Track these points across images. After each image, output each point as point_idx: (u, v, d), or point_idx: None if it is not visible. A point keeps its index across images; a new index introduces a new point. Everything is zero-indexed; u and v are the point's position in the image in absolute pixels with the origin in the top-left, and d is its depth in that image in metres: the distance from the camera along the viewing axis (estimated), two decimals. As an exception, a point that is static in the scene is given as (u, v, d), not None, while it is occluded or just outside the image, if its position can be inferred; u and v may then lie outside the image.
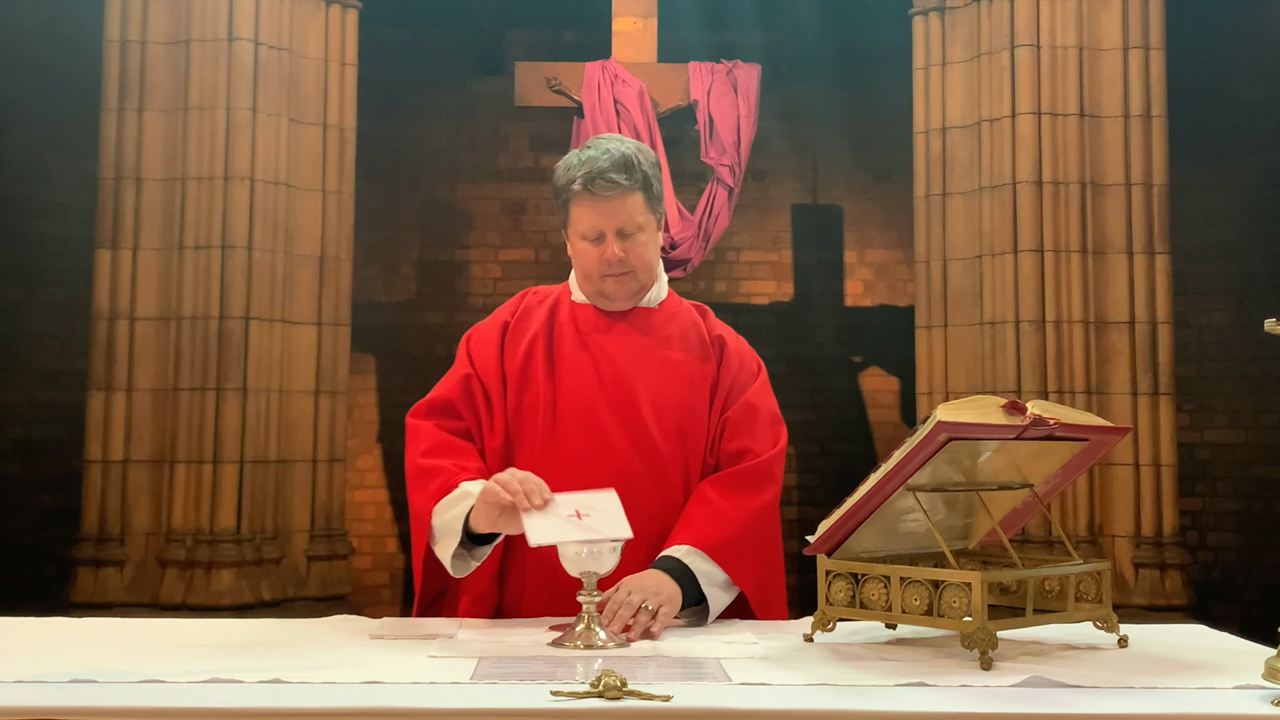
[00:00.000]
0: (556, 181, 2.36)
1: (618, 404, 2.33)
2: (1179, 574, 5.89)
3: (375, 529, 7.64)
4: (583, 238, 2.34)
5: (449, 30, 7.86)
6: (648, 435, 2.31)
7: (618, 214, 2.30)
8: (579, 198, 2.31)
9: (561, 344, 2.38)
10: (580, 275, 2.41)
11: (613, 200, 2.29)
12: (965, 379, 6.14)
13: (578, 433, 2.31)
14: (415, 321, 7.89)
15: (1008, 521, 2.06)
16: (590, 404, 2.33)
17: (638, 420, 2.32)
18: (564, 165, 2.36)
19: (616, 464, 2.28)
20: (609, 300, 2.39)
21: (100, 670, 1.63)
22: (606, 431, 2.30)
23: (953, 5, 6.32)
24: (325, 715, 1.46)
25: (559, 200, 2.37)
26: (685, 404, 2.36)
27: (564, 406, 2.33)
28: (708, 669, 1.71)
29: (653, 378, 2.36)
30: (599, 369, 2.35)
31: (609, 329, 2.40)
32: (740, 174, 6.55)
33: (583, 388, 2.34)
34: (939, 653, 1.83)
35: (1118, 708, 1.51)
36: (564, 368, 2.36)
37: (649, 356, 2.38)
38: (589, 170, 2.28)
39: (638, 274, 2.36)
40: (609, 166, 2.28)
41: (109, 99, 6.02)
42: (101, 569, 5.82)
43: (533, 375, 2.36)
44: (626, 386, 2.34)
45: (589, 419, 2.31)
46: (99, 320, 5.95)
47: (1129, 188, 6.03)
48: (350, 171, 6.35)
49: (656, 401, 2.34)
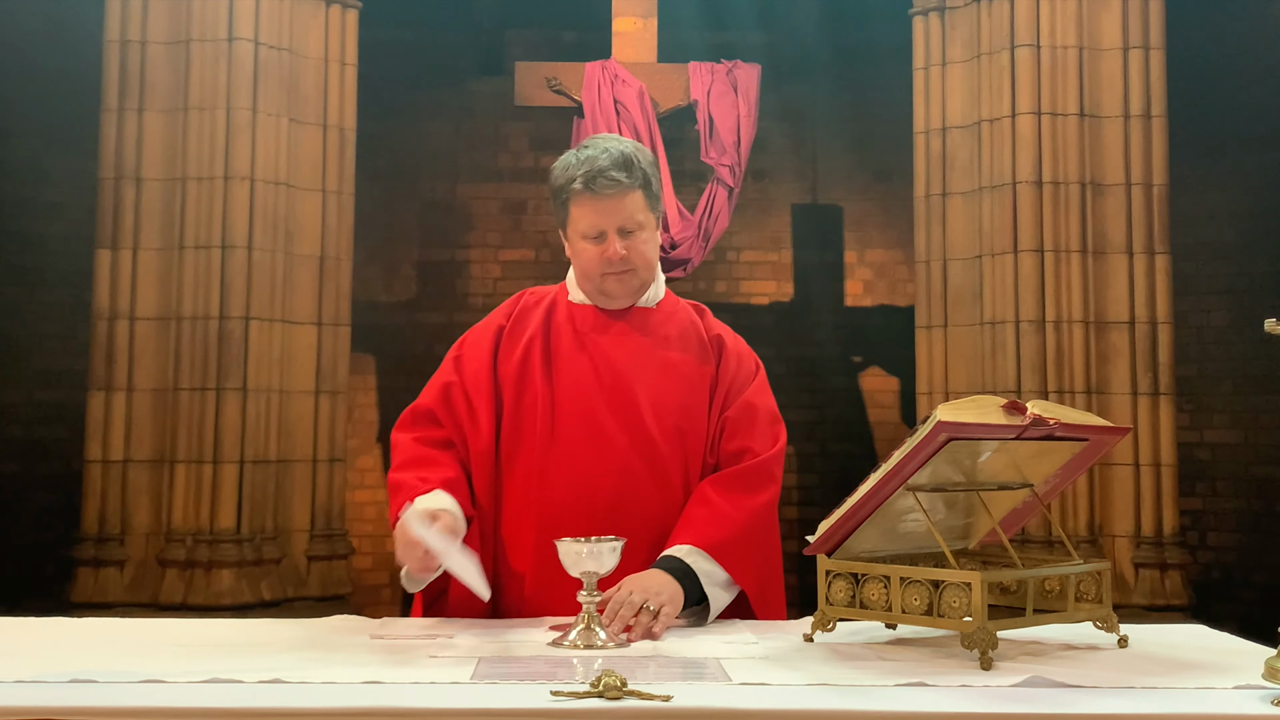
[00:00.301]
0: (555, 181, 2.35)
1: (617, 404, 2.33)
2: (1179, 574, 5.89)
3: (375, 529, 7.64)
4: (583, 237, 2.33)
5: (449, 30, 7.87)
6: (647, 435, 2.31)
7: (618, 212, 2.30)
8: (579, 197, 2.30)
9: (559, 345, 2.38)
10: (580, 274, 2.41)
11: (613, 198, 2.29)
12: (965, 379, 6.14)
13: (578, 433, 2.31)
14: (415, 321, 7.89)
15: (1008, 521, 2.06)
16: (589, 404, 2.32)
17: (637, 420, 2.32)
18: (562, 165, 2.35)
19: (616, 463, 2.28)
20: (610, 299, 2.39)
21: (100, 670, 1.63)
22: (606, 431, 2.30)
23: (953, 5, 6.32)
24: (325, 715, 1.46)
25: (558, 200, 2.36)
26: (684, 404, 2.36)
27: (563, 407, 2.33)
28: (708, 669, 1.71)
29: (651, 378, 2.36)
30: (597, 369, 2.35)
31: (607, 329, 2.40)
32: (740, 174, 6.55)
33: (581, 388, 2.34)
34: (939, 653, 1.83)
35: (1118, 708, 1.51)
36: (562, 368, 2.36)
37: (648, 356, 2.38)
38: (589, 169, 2.28)
39: (639, 272, 2.37)
40: (609, 165, 2.28)
41: (109, 99, 6.02)
42: (101, 569, 5.82)
43: (530, 377, 2.35)
44: (625, 386, 2.34)
45: (588, 419, 2.31)
46: (99, 320, 5.94)
47: (1129, 188, 6.03)
48: (350, 171, 6.34)
49: (656, 401, 2.34)
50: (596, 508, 2.25)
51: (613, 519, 2.22)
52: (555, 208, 2.39)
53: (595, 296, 2.41)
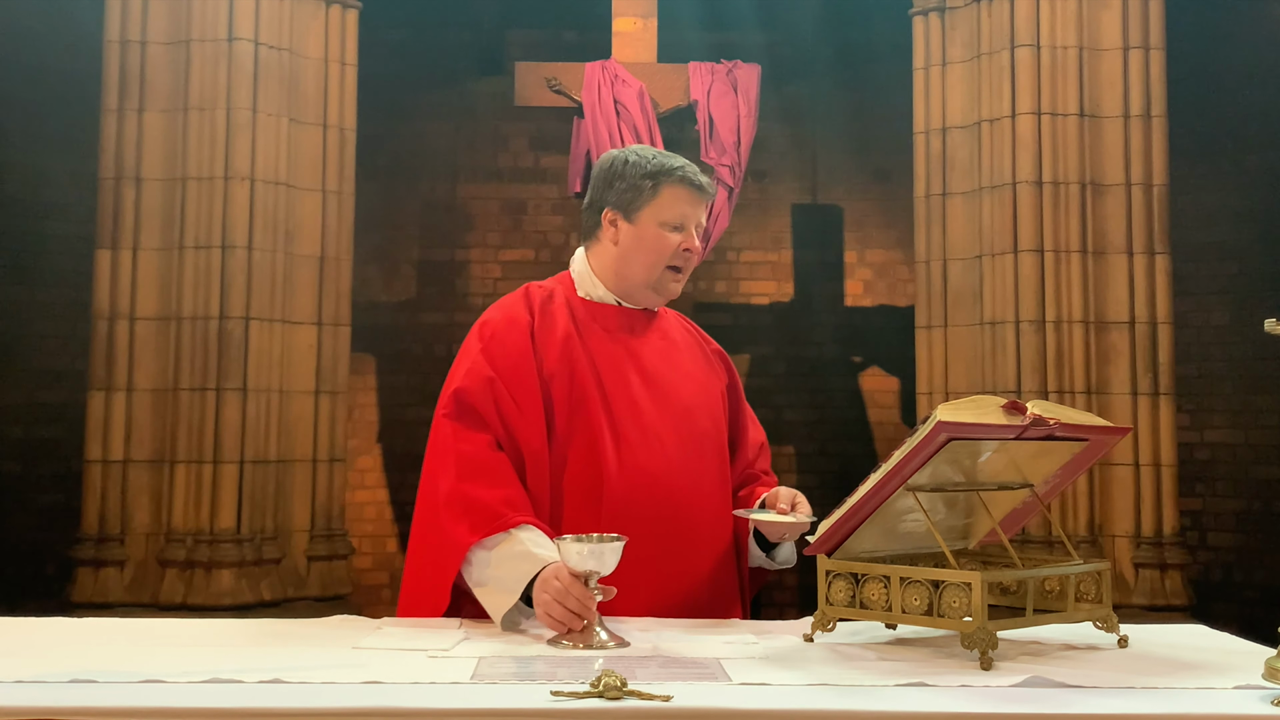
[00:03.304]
0: (638, 166, 2.37)
1: (660, 402, 2.34)
2: (1179, 574, 5.89)
3: (375, 529, 7.63)
4: (664, 223, 2.36)
5: (449, 30, 7.86)
6: (688, 433, 2.34)
7: (700, 211, 2.39)
8: (676, 185, 2.35)
9: (594, 343, 2.35)
10: (641, 264, 2.37)
11: (703, 199, 2.39)
12: (965, 379, 6.14)
13: (632, 432, 2.29)
14: (415, 321, 7.88)
15: (1008, 521, 2.06)
16: (637, 403, 2.32)
17: (678, 418, 2.34)
18: (637, 154, 2.40)
19: (670, 461, 2.30)
20: (655, 295, 2.41)
21: (100, 670, 1.63)
22: (656, 429, 2.31)
23: (953, 5, 6.32)
24: (325, 715, 1.46)
25: (643, 183, 2.35)
26: (704, 404, 2.42)
27: (616, 406, 2.30)
28: (708, 669, 1.71)
29: (679, 378, 2.40)
30: (636, 368, 2.36)
31: (632, 329, 2.41)
32: (740, 174, 6.55)
33: (626, 386, 2.33)
34: (939, 653, 1.83)
35: (1118, 708, 1.51)
36: (604, 366, 2.33)
37: (672, 358, 2.43)
38: (685, 165, 2.37)
39: (684, 276, 2.42)
40: (698, 171, 2.39)
41: (109, 99, 6.02)
42: (101, 569, 5.82)
43: (580, 376, 2.30)
44: (662, 384, 2.37)
45: (638, 417, 2.31)
46: (99, 320, 5.94)
47: (1129, 188, 6.03)
48: (350, 171, 6.34)
49: (685, 402, 2.38)
50: (665, 506, 2.25)
51: (679, 516, 2.26)
52: (626, 190, 2.36)
53: (634, 291, 2.40)
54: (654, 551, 2.19)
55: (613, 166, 2.40)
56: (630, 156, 2.40)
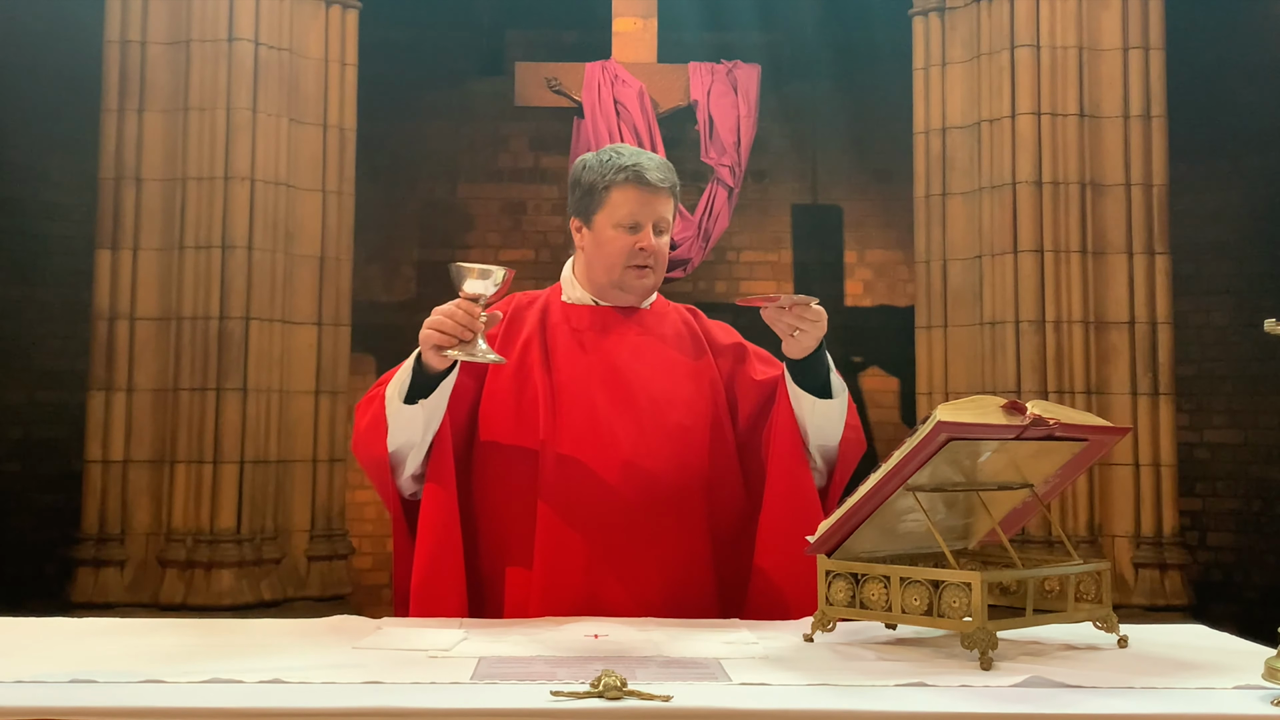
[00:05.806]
0: (591, 170, 2.38)
1: (619, 401, 2.35)
2: (1179, 574, 5.89)
3: (375, 529, 7.64)
4: (618, 225, 2.36)
5: (449, 30, 7.87)
6: (650, 430, 2.33)
7: (656, 208, 2.37)
8: (625, 185, 2.35)
9: (556, 343, 2.40)
10: (601, 266, 2.41)
11: (655, 195, 2.36)
12: (965, 379, 6.14)
13: (581, 430, 2.32)
14: (415, 321, 7.71)
15: (1008, 521, 2.06)
16: (591, 401, 2.34)
17: (640, 416, 2.34)
18: (597, 158, 2.40)
19: (621, 459, 2.29)
20: (623, 294, 2.42)
21: (100, 670, 1.63)
22: (610, 428, 2.32)
23: (953, 5, 6.32)
24: (325, 715, 1.46)
25: (594, 188, 2.37)
26: (685, 399, 2.39)
27: (564, 405, 2.34)
28: (708, 669, 1.71)
29: (651, 375, 2.39)
30: (598, 366, 2.37)
31: (605, 328, 2.42)
32: (740, 174, 6.56)
33: (581, 385, 2.36)
34: (939, 653, 1.83)
35: (1118, 708, 1.51)
36: (560, 366, 2.38)
37: (647, 354, 2.41)
38: (637, 163, 2.36)
39: (656, 271, 2.41)
40: (654, 166, 2.37)
41: (109, 99, 6.02)
42: (101, 569, 5.82)
43: (529, 375, 2.37)
44: (626, 383, 2.36)
45: (590, 416, 2.33)
46: (99, 320, 5.95)
47: (1129, 188, 6.03)
48: (350, 171, 6.35)
49: (657, 398, 2.36)
50: (603, 505, 2.27)
51: (622, 516, 2.26)
52: (582, 196, 2.40)
53: (606, 292, 2.42)
54: (607, 546, 2.25)
55: (574, 173, 2.44)
56: (589, 161, 2.42)
